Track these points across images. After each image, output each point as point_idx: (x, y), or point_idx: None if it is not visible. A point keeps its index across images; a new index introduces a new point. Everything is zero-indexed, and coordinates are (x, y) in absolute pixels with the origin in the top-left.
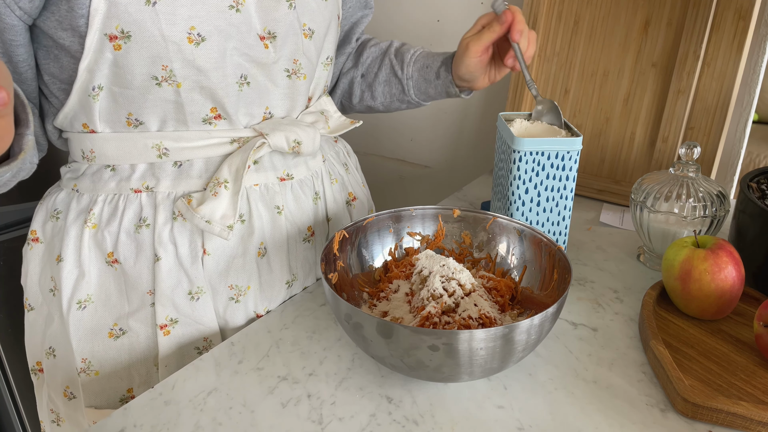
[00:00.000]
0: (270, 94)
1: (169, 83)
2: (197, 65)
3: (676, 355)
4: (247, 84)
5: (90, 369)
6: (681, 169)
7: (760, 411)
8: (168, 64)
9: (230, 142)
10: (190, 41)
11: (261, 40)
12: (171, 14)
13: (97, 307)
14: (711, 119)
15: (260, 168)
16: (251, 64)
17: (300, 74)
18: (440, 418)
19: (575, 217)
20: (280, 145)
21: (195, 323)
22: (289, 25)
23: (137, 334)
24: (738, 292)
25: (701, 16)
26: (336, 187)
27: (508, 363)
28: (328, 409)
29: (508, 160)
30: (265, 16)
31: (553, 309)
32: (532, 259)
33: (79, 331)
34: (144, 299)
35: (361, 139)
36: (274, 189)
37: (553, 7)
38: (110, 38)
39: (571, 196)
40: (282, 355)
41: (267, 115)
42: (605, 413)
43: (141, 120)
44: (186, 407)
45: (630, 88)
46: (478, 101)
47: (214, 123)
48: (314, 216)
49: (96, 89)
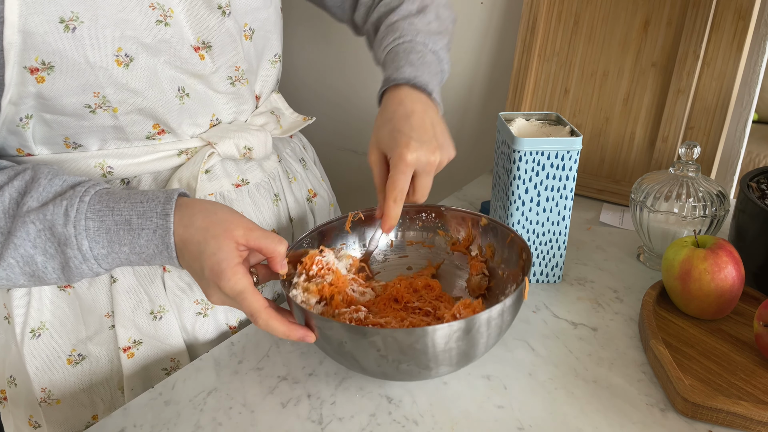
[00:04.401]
0: (213, 101)
1: (104, 109)
2: (131, 87)
3: (676, 354)
4: (187, 96)
5: (51, 398)
6: (681, 169)
7: (760, 411)
8: (99, 91)
9: (177, 154)
10: (119, 64)
11: (196, 51)
12: (94, 38)
13: (53, 334)
14: (711, 119)
15: (213, 177)
16: (187, 75)
17: (243, 79)
18: (440, 418)
19: (575, 217)
20: (230, 152)
21: (160, 343)
22: (225, 32)
23: (98, 359)
24: (738, 292)
25: (701, 16)
26: (295, 186)
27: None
28: (328, 409)
29: (507, 160)
30: (198, 26)
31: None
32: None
33: (35, 360)
34: (102, 322)
35: (361, 138)
36: (231, 196)
37: (553, 7)
38: (31, 71)
39: (571, 196)
40: (282, 355)
41: (214, 121)
42: (605, 413)
43: (79, 143)
44: (186, 407)
45: (630, 87)
46: (478, 101)
47: (159, 138)
48: (276, 219)
49: (24, 119)
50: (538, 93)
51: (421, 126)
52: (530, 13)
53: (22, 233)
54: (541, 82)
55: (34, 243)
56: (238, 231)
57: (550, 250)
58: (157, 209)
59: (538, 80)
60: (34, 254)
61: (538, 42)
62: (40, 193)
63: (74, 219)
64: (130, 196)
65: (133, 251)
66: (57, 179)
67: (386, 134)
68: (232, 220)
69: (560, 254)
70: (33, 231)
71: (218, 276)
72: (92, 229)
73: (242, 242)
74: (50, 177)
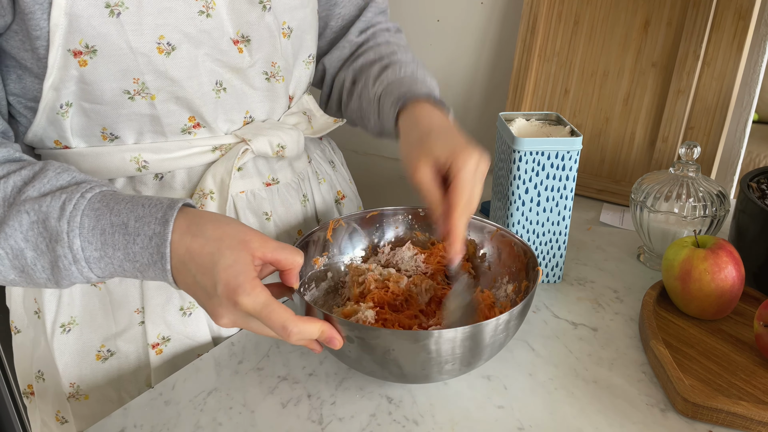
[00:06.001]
0: (249, 98)
1: (142, 96)
2: (170, 76)
3: (676, 354)
4: (223, 90)
5: (79, 393)
6: (681, 169)
7: (760, 411)
8: (139, 77)
9: (212, 150)
10: (160, 51)
11: (235, 45)
12: (137, 24)
13: (83, 329)
14: (711, 119)
15: (245, 174)
16: (226, 69)
17: (279, 76)
18: (440, 418)
19: (575, 217)
20: (263, 150)
21: (188, 339)
22: (265, 27)
23: (126, 355)
24: (738, 292)
25: (701, 16)
26: (324, 187)
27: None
28: (328, 409)
29: (508, 160)
30: (238, 19)
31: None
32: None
33: (64, 355)
34: (132, 318)
35: (361, 139)
36: (261, 195)
37: (553, 7)
38: (74, 54)
39: (571, 196)
40: (282, 355)
41: (247, 119)
42: (605, 413)
43: (116, 134)
44: (186, 407)
45: (630, 88)
46: (478, 101)
47: (194, 132)
48: (303, 218)
49: (64, 106)
50: (538, 93)
51: (461, 134)
52: (530, 13)
53: (14, 222)
54: (541, 82)
55: (25, 236)
56: (254, 243)
57: (551, 251)
58: (157, 215)
59: (538, 80)
60: (25, 248)
61: (538, 42)
62: (44, 184)
63: (69, 214)
64: (134, 199)
65: (127, 258)
66: (66, 174)
67: (438, 141)
68: (245, 231)
69: (560, 254)
70: (26, 222)
71: (235, 290)
72: (86, 228)
73: (258, 255)
74: (59, 171)
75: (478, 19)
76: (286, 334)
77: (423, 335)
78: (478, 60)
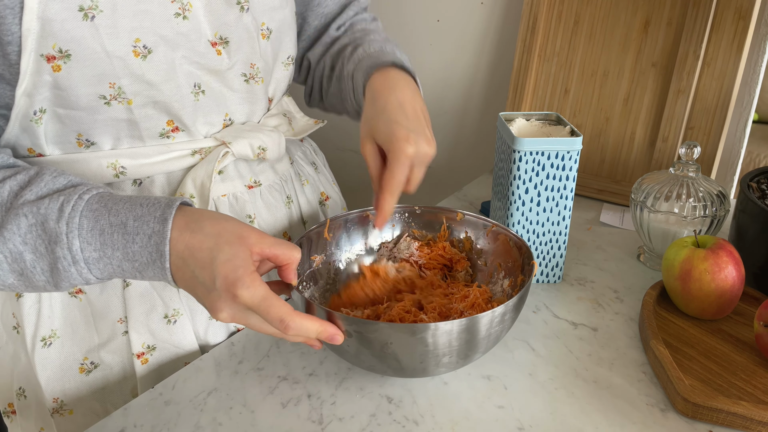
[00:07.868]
0: (228, 100)
1: (118, 101)
2: (147, 79)
3: (676, 354)
4: (202, 93)
5: (63, 408)
6: (681, 169)
7: (760, 411)
8: (115, 81)
9: (191, 153)
10: (136, 55)
11: (213, 47)
12: (112, 27)
13: (64, 342)
14: (711, 119)
15: (226, 177)
16: (204, 71)
17: (258, 78)
18: (440, 418)
19: (575, 217)
20: (244, 152)
21: (174, 347)
22: (243, 28)
23: (111, 367)
24: (738, 292)
25: (701, 16)
26: (308, 189)
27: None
28: (328, 409)
29: (508, 160)
30: (216, 21)
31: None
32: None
33: (47, 370)
34: (115, 328)
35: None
36: (244, 198)
37: (553, 7)
38: (48, 59)
39: (571, 196)
40: (282, 355)
41: (227, 121)
42: (605, 413)
43: (92, 140)
44: (186, 407)
45: (630, 88)
46: (478, 101)
47: (172, 136)
48: (289, 220)
49: (38, 113)
50: (538, 93)
51: (415, 116)
52: (530, 13)
53: (12, 226)
54: (541, 82)
55: (24, 238)
56: (252, 238)
57: (551, 250)
58: (156, 213)
59: (538, 80)
60: (24, 251)
61: (539, 42)
62: (41, 188)
63: (68, 215)
64: (132, 199)
65: (126, 257)
66: (62, 177)
67: (382, 125)
68: (243, 227)
69: (560, 254)
70: (24, 225)
71: (234, 284)
72: (85, 229)
73: (256, 250)
74: (55, 175)
75: (478, 19)
76: (283, 327)
77: (420, 328)
78: (478, 60)
